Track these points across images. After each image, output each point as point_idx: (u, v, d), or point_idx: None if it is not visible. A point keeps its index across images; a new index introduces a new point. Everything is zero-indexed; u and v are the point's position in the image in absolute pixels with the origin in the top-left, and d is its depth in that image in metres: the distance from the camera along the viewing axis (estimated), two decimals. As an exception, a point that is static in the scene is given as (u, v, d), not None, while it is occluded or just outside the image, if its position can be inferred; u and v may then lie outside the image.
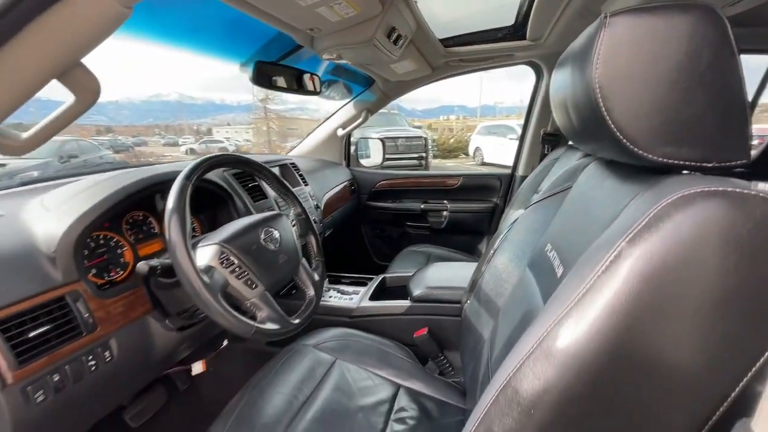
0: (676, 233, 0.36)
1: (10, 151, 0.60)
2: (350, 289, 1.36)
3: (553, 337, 0.40)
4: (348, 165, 2.19)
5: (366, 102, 1.92)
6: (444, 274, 1.28)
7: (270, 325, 0.76)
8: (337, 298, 1.30)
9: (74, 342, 0.67)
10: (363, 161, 2.37)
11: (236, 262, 0.74)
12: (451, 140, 13.17)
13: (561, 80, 0.56)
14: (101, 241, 0.82)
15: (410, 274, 1.36)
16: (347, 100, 1.94)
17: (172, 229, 0.67)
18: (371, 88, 1.86)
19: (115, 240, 0.85)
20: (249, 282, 0.75)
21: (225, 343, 1.19)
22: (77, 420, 0.74)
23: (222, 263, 0.73)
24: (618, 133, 0.44)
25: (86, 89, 0.58)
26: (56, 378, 0.64)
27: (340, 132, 2.00)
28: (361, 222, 2.23)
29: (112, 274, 0.83)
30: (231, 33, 1.08)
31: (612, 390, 0.38)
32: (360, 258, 2.28)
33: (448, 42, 1.54)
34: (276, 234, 0.86)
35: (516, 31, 1.47)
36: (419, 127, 10.59)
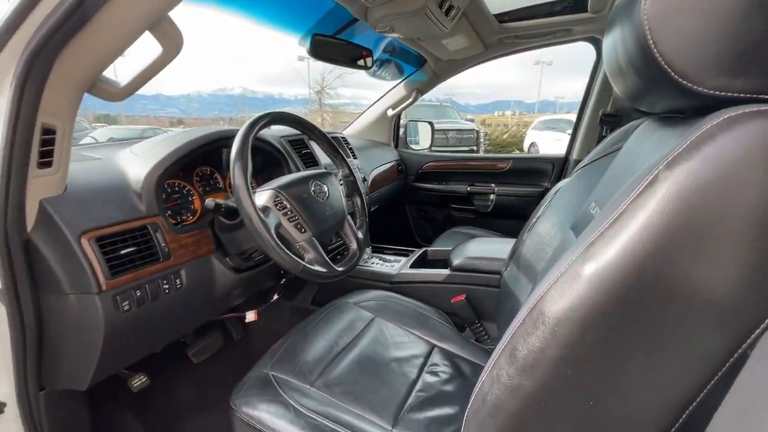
0: (717, 153, 0.36)
1: (110, 97, 0.72)
2: (392, 258, 1.41)
3: (582, 260, 0.41)
4: (396, 146, 2.23)
5: (417, 82, 1.94)
6: (485, 247, 1.28)
7: (316, 267, 0.83)
8: (379, 264, 1.35)
9: (153, 266, 0.78)
10: (412, 147, 2.40)
11: (288, 206, 0.82)
12: (505, 135, 12.70)
13: (611, 41, 0.54)
14: (176, 188, 0.94)
15: (451, 248, 1.38)
16: (398, 80, 1.98)
17: (236, 171, 0.76)
18: (422, 68, 1.88)
19: (187, 189, 0.97)
20: (299, 226, 0.82)
21: (275, 297, 1.29)
22: (152, 336, 0.86)
23: (276, 205, 0.81)
24: (666, 67, 0.43)
25: (172, 42, 0.67)
26: (138, 293, 0.75)
27: (390, 112, 2.04)
28: (407, 202, 2.27)
29: (183, 218, 0.94)
30: (290, 5, 1.16)
31: (640, 309, 0.38)
32: (403, 237, 2.32)
33: (503, 17, 1.52)
34: (324, 188, 0.92)
35: (576, 3, 1.41)
36: (472, 121, 10.37)
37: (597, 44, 1.65)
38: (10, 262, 0.65)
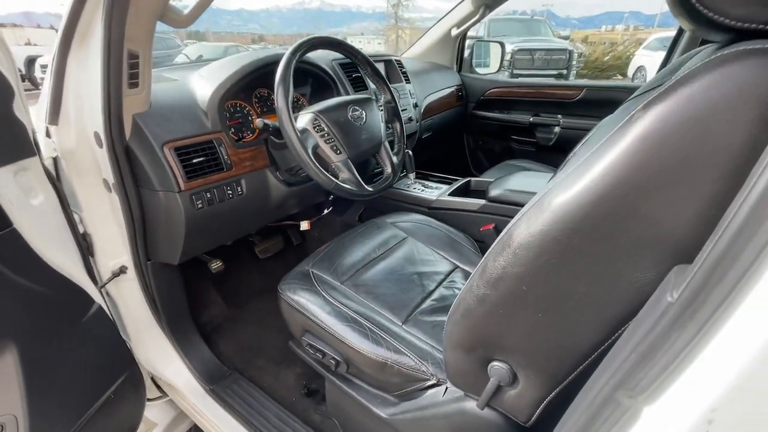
0: (690, 96, 0.35)
1: (178, 24, 0.83)
2: (434, 185, 1.47)
3: (552, 192, 0.45)
4: (459, 70, 2.13)
5: (487, -5, 1.76)
6: (528, 181, 1.28)
7: (348, 186, 0.93)
8: (420, 190, 1.42)
9: (218, 174, 0.95)
10: (479, 70, 2.25)
11: (326, 129, 0.91)
12: (607, 57, 10.88)
13: None
14: (237, 108, 1.07)
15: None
16: (467, -6, 1.81)
17: (279, 96, 0.86)
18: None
19: (246, 109, 1.10)
20: (335, 148, 0.92)
21: (326, 211, 1.46)
22: (222, 230, 1.07)
23: (315, 128, 0.90)
24: None
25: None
26: (208, 195, 0.93)
27: (454, 32, 1.92)
28: (465, 131, 2.22)
29: (244, 135, 1.09)
30: None
31: (589, 241, 0.42)
32: (457, 168, 2.32)
33: None
34: (362, 114, 0.99)
35: None
36: (566, 38, 8.96)
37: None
38: (117, 163, 0.85)
